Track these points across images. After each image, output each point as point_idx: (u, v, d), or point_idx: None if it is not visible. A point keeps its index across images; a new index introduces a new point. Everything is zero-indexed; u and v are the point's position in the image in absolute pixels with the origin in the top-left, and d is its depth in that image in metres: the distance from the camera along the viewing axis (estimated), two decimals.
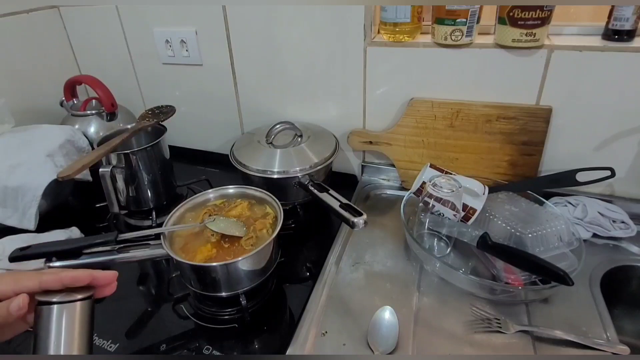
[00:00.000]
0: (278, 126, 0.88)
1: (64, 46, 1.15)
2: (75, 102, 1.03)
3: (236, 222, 0.70)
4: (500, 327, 0.60)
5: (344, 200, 0.70)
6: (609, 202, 0.79)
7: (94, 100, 1.02)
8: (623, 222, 0.76)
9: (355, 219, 0.65)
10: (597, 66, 0.72)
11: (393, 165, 0.94)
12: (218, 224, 0.69)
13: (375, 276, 0.72)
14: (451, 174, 0.78)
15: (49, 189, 0.84)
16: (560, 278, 0.58)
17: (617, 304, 0.69)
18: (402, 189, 0.95)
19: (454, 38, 0.76)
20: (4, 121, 0.93)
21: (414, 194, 0.80)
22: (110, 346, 0.63)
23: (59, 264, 0.62)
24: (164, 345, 0.63)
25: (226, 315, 0.68)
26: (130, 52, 1.09)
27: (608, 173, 0.72)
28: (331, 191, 0.75)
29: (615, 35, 0.72)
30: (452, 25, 0.75)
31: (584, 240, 0.72)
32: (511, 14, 0.71)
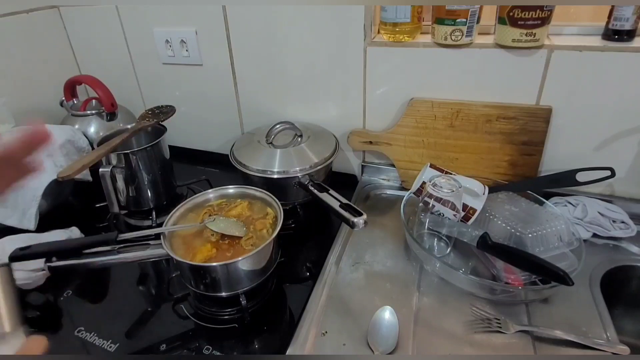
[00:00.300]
0: (278, 126, 0.88)
1: (64, 46, 1.15)
2: (75, 102, 1.03)
3: (236, 222, 0.70)
4: (500, 327, 0.60)
5: (344, 200, 0.70)
6: (609, 202, 0.79)
7: (94, 100, 1.02)
8: (623, 222, 0.76)
9: (355, 219, 0.65)
10: (597, 66, 0.72)
11: (393, 165, 0.94)
12: (218, 224, 0.69)
13: (375, 276, 0.72)
14: (451, 174, 0.78)
15: (49, 189, 0.84)
16: (560, 278, 0.58)
17: (617, 304, 0.69)
18: (402, 189, 0.95)
19: (454, 38, 0.76)
20: (4, 121, 0.93)
21: (414, 194, 0.80)
22: (110, 346, 0.63)
23: (59, 264, 0.62)
24: (164, 345, 0.63)
25: (226, 315, 0.68)
26: (130, 52, 1.09)
27: (608, 173, 0.72)
28: (331, 191, 0.75)
29: (615, 35, 0.72)
30: (452, 25, 0.75)
31: (584, 240, 0.72)
32: (511, 14, 0.71)
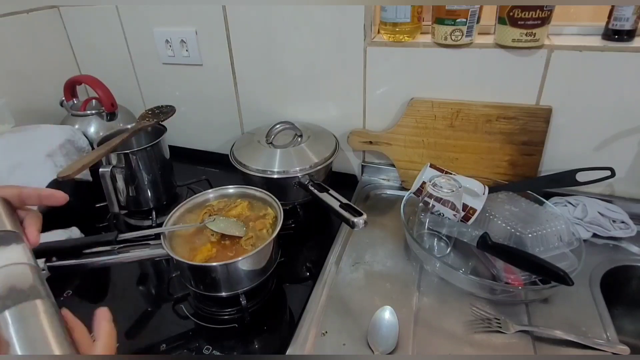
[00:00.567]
0: (278, 126, 0.88)
1: (64, 46, 1.15)
2: (75, 102, 1.03)
3: (236, 222, 0.70)
4: (500, 327, 0.60)
5: (344, 200, 0.70)
6: (609, 202, 0.79)
7: (94, 100, 1.02)
8: (623, 222, 0.76)
9: (355, 219, 0.65)
10: (597, 66, 0.72)
11: (393, 165, 0.94)
12: (218, 224, 0.69)
13: (375, 276, 0.72)
14: (451, 174, 0.78)
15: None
16: (560, 278, 0.58)
17: (617, 304, 0.69)
18: (402, 189, 0.95)
19: (454, 38, 0.76)
20: (4, 121, 0.93)
21: (414, 194, 0.80)
22: None
23: (59, 264, 0.62)
24: (164, 345, 0.63)
25: (226, 315, 0.68)
26: (130, 52, 1.09)
27: (608, 173, 0.72)
28: (331, 191, 0.75)
29: (615, 35, 0.72)
30: (452, 25, 0.75)
31: (584, 240, 0.72)
32: (511, 14, 0.71)
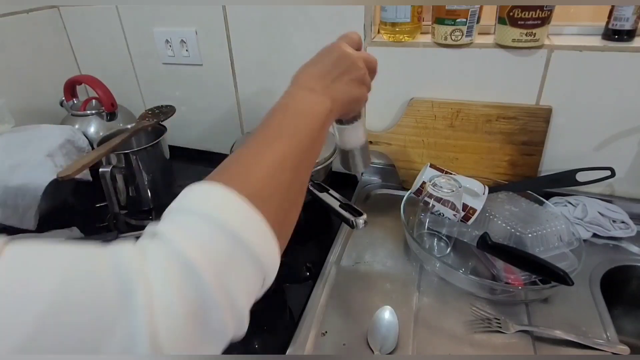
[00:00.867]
0: None
1: (64, 46, 1.15)
2: (75, 102, 1.03)
3: None
4: (500, 327, 0.60)
5: (344, 200, 0.70)
6: (609, 202, 0.79)
7: (94, 100, 1.02)
8: (623, 222, 0.76)
9: (355, 219, 0.65)
10: (597, 66, 0.72)
11: (393, 165, 0.94)
12: None
13: (375, 276, 0.72)
14: (451, 174, 0.79)
15: (49, 189, 0.84)
16: (560, 278, 0.58)
17: (617, 304, 0.69)
18: (402, 189, 0.95)
19: (454, 38, 0.76)
20: (4, 121, 0.93)
21: (414, 194, 0.80)
22: None
23: None
24: None
25: None
26: (130, 52, 1.09)
27: (608, 173, 0.72)
28: (331, 191, 0.74)
29: (615, 35, 0.72)
30: (452, 25, 0.75)
31: (584, 240, 0.72)
32: (511, 14, 0.71)
